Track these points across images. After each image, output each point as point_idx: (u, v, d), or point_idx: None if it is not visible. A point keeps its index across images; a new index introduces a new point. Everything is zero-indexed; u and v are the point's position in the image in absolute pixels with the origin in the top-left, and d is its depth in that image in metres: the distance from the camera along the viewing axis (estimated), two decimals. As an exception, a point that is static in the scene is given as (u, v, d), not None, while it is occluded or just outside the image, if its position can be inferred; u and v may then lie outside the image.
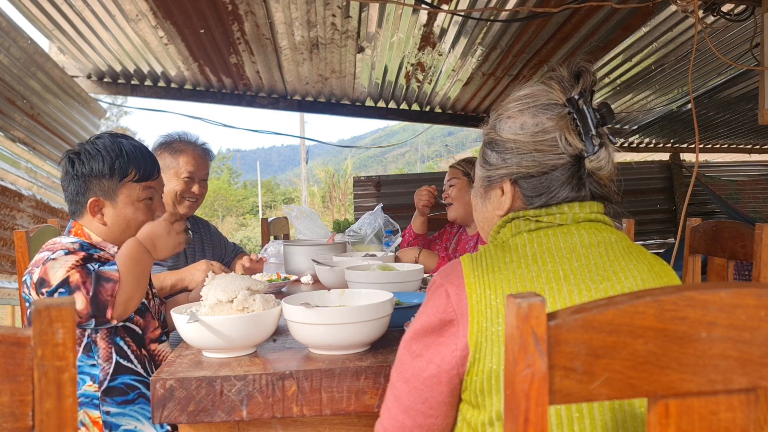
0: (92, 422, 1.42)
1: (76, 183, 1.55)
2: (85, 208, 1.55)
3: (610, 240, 0.96)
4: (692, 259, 1.86)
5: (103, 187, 1.54)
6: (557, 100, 1.00)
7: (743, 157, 7.58)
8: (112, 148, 1.56)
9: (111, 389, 1.45)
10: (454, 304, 0.90)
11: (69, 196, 1.57)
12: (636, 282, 0.91)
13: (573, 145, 0.97)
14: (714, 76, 4.81)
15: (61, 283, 1.32)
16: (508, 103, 1.05)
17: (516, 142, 1.00)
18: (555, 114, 0.99)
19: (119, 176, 1.55)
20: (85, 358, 1.45)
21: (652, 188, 6.88)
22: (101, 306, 1.32)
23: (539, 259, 0.92)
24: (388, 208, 3.15)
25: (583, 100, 0.99)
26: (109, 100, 5.86)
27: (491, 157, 1.05)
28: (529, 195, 1.00)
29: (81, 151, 1.56)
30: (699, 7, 2.71)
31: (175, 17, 3.61)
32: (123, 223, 1.56)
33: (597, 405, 0.83)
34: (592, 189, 1.00)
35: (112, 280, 1.34)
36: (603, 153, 0.98)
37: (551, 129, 0.98)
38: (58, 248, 1.44)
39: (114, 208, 1.55)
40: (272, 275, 2.10)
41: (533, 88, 1.04)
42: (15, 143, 3.98)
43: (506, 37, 3.86)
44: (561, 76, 1.03)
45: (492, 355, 0.85)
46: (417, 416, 0.92)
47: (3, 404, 0.59)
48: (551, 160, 0.98)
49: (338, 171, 24.62)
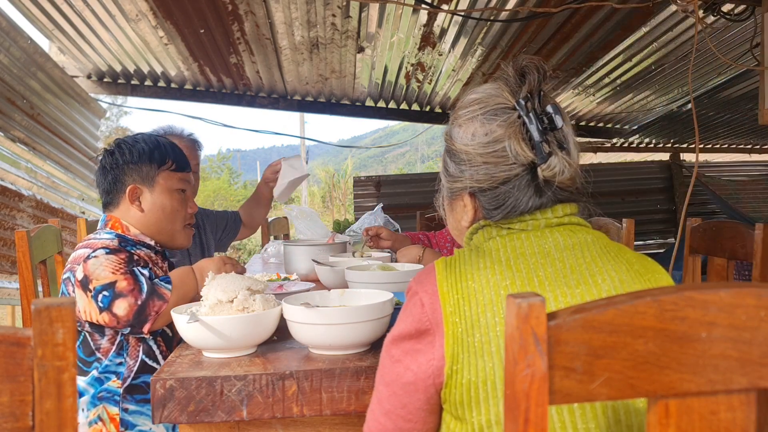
0: (110, 418, 1.43)
1: (114, 173, 1.58)
2: (122, 197, 1.58)
3: (586, 241, 0.93)
4: (692, 259, 1.86)
5: (141, 173, 1.58)
6: (506, 103, 0.95)
7: (743, 157, 7.58)
8: (150, 140, 1.62)
9: (133, 387, 1.46)
10: (428, 314, 0.87)
11: (106, 188, 1.60)
12: (613, 284, 0.88)
13: (522, 153, 0.92)
14: (714, 76, 4.81)
15: (107, 285, 1.35)
16: (459, 109, 1.01)
17: (468, 154, 0.96)
18: (504, 120, 0.94)
19: (157, 163, 1.59)
20: (115, 356, 1.47)
21: (652, 188, 6.88)
22: (143, 318, 1.36)
23: (513, 266, 0.89)
24: (388, 208, 3.15)
25: (530, 103, 0.93)
26: (109, 100, 5.86)
27: (450, 166, 1.01)
28: (488, 208, 0.97)
29: (119, 143, 1.61)
30: (699, 7, 2.71)
31: (175, 17, 3.60)
32: (159, 211, 1.59)
33: (598, 403, 0.82)
34: (554, 195, 0.95)
35: (163, 298, 1.38)
36: (554, 160, 0.91)
37: (501, 137, 0.93)
38: (98, 246, 1.46)
39: (151, 195, 1.59)
40: (272, 275, 2.10)
41: (483, 91, 0.99)
42: (15, 143, 3.98)
43: (506, 37, 3.86)
44: (508, 75, 0.97)
45: (470, 367, 0.83)
46: (397, 420, 0.91)
47: (3, 404, 0.59)
48: (503, 172, 0.94)
49: (338, 171, 24.60)
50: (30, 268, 1.80)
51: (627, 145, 7.28)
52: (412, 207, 5.97)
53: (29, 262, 1.79)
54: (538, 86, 0.95)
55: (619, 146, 7.24)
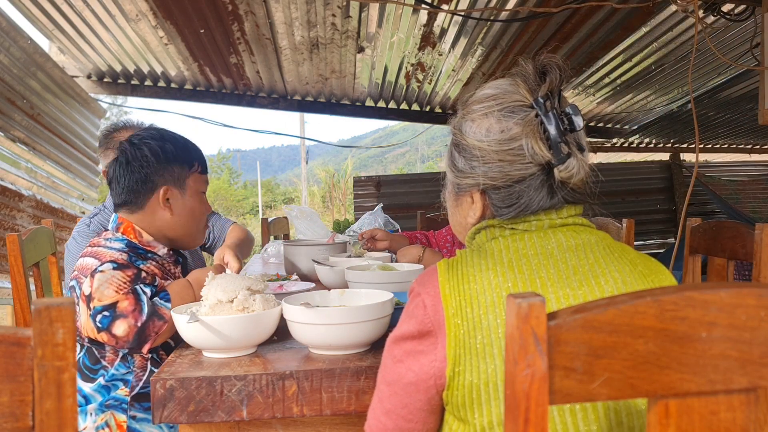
0: (117, 426, 1.42)
1: (145, 171, 1.49)
2: (149, 198, 1.51)
3: (589, 242, 0.92)
4: (692, 259, 1.86)
5: (174, 175, 1.52)
6: (523, 100, 0.94)
7: (743, 157, 7.58)
8: (176, 140, 1.56)
9: (141, 395, 1.45)
10: (431, 315, 0.87)
11: (130, 186, 1.50)
12: (616, 284, 0.88)
13: (540, 153, 0.91)
14: (714, 76, 4.82)
15: (108, 305, 1.31)
16: (472, 104, 0.99)
17: (481, 150, 0.94)
18: (521, 118, 0.92)
19: (188, 165, 1.55)
20: (122, 367, 1.44)
21: (652, 188, 6.89)
22: (143, 339, 1.32)
23: (515, 267, 0.88)
24: (388, 208, 3.15)
25: (549, 102, 0.92)
26: (109, 100, 5.86)
27: (459, 161, 1.00)
28: (499, 206, 0.96)
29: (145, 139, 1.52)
30: (699, 7, 2.71)
31: (175, 17, 3.61)
32: (189, 214, 1.55)
33: (600, 405, 0.82)
34: (565, 196, 0.94)
35: (163, 318, 1.33)
36: (573, 162, 0.91)
37: (518, 135, 0.92)
38: (106, 258, 1.41)
39: (183, 198, 1.54)
40: (272, 275, 2.10)
41: (499, 87, 0.97)
42: (15, 143, 3.98)
43: (506, 37, 3.86)
44: (527, 72, 0.96)
45: (472, 369, 0.83)
46: (398, 420, 0.91)
47: (3, 404, 0.59)
48: (518, 170, 0.92)
49: (338, 171, 24.59)
50: (22, 271, 1.76)
51: (627, 145, 7.28)
52: (412, 207, 5.99)
53: (21, 265, 1.76)
54: (559, 86, 0.94)
55: (619, 146, 7.25)
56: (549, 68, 0.94)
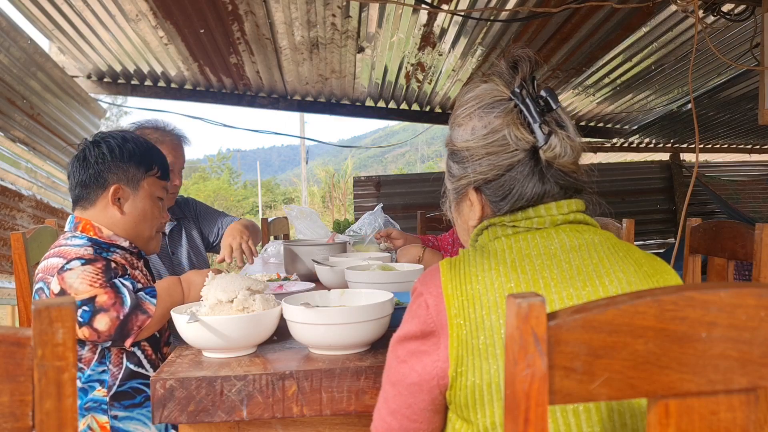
0: (100, 427, 1.41)
1: (98, 168, 1.50)
2: (100, 194, 1.51)
3: (593, 241, 0.92)
4: (692, 259, 1.86)
5: (128, 175, 1.53)
6: (501, 95, 0.97)
7: (743, 157, 7.58)
8: (140, 142, 1.57)
9: (119, 394, 1.43)
10: (433, 315, 0.87)
11: (83, 182, 1.51)
12: (621, 284, 0.88)
13: (522, 138, 0.93)
14: (714, 76, 4.82)
15: (86, 300, 1.30)
16: (456, 110, 1.03)
17: (470, 149, 0.98)
18: (501, 111, 0.95)
19: (145, 168, 1.55)
20: (98, 365, 1.43)
21: (652, 188, 6.89)
22: (125, 333, 1.31)
23: (518, 267, 0.88)
24: (388, 208, 3.15)
25: (525, 91, 0.95)
26: (109, 100, 5.86)
27: (453, 168, 1.03)
28: (495, 200, 0.97)
29: (106, 138, 1.53)
30: (699, 7, 2.71)
31: (175, 17, 3.61)
32: (139, 216, 1.55)
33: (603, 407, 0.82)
34: (557, 180, 0.96)
35: (147, 312, 1.33)
36: (554, 140, 0.93)
37: (500, 127, 0.95)
38: (71, 255, 1.40)
39: (134, 199, 1.54)
40: (272, 275, 2.10)
41: (477, 89, 1.01)
42: (15, 143, 3.98)
43: (506, 37, 3.86)
44: (501, 69, 1.00)
45: (474, 369, 0.83)
46: (403, 420, 0.91)
47: (3, 404, 0.59)
48: (505, 160, 0.95)
49: (338, 171, 24.61)
50: (26, 269, 1.77)
51: (627, 145, 7.28)
52: (412, 207, 5.99)
53: (25, 263, 1.77)
54: (531, 73, 0.97)
55: (619, 146, 7.25)
56: (519, 59, 0.99)
